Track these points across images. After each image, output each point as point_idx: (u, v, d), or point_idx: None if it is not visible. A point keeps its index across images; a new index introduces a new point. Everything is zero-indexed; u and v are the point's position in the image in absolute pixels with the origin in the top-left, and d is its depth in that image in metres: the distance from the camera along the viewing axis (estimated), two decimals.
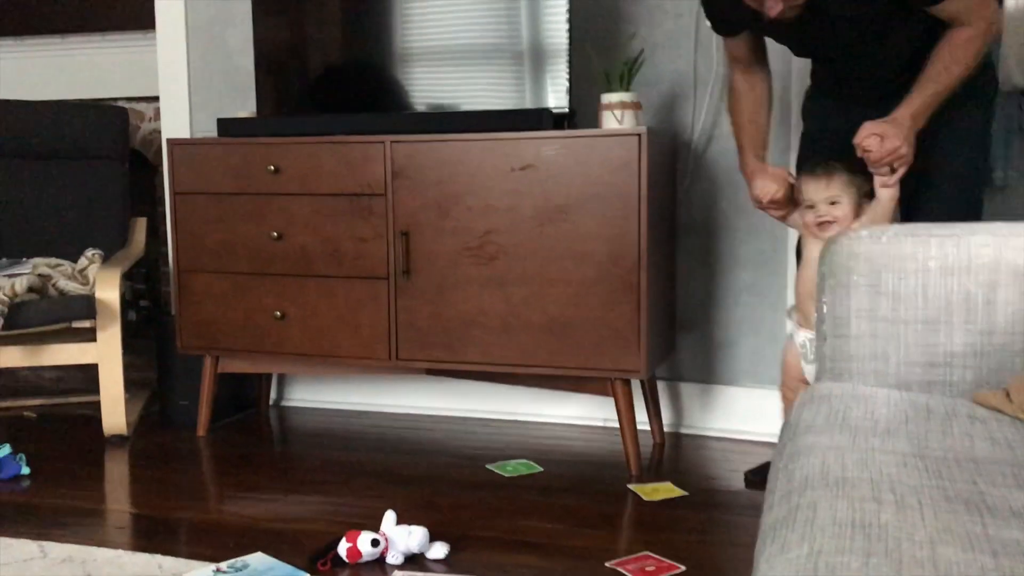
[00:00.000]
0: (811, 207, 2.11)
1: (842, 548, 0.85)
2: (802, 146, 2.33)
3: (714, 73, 2.70)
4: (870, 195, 2.08)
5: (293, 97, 2.89)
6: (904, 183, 2.09)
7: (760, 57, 2.27)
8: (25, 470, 2.52)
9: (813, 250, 2.07)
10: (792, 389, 2.21)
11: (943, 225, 1.53)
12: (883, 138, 1.96)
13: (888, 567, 0.81)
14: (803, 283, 2.16)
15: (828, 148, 2.19)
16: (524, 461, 2.58)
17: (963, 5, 1.93)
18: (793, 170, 2.32)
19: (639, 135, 2.33)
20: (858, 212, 2.08)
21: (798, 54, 2.25)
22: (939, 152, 2.07)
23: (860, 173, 2.07)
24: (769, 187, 2.17)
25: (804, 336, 2.15)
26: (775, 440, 1.55)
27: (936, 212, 2.08)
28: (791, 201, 2.20)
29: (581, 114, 2.67)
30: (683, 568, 1.90)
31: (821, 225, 2.09)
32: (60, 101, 3.30)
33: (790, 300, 2.68)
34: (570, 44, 2.55)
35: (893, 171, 2.00)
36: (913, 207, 2.12)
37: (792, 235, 2.65)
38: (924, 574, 0.80)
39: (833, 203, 2.08)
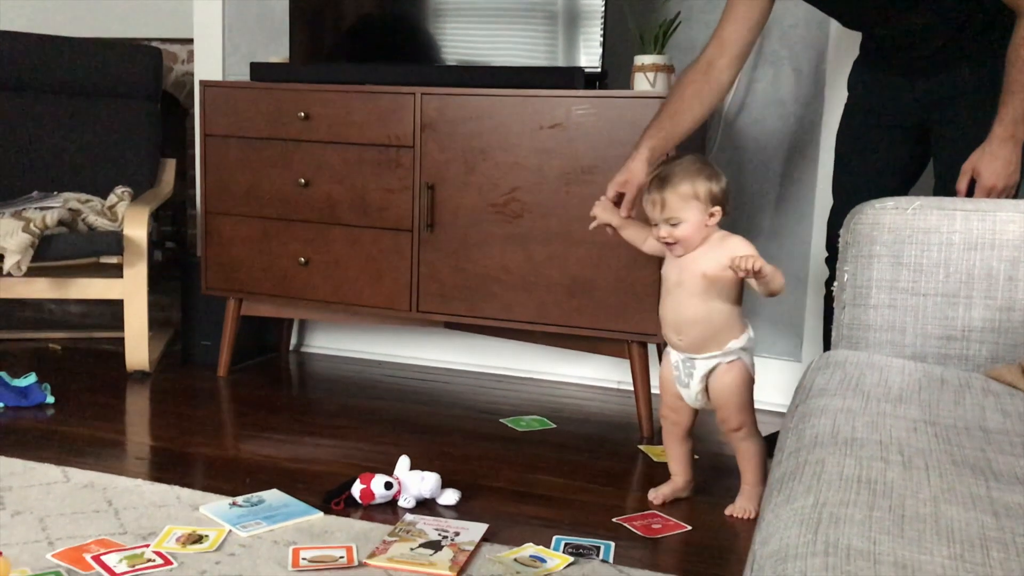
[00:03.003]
0: (656, 224, 1.94)
1: (846, 501, 0.87)
2: (843, 118, 2.25)
3: None
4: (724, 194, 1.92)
5: (326, 45, 2.90)
6: (939, 155, 2.07)
7: (742, 52, 2.11)
8: (49, 399, 2.58)
9: (669, 272, 1.98)
10: (670, 408, 2.07)
11: (969, 200, 1.53)
12: (979, 178, 1.81)
13: (890, 520, 0.83)
14: (662, 306, 2.02)
15: (868, 123, 2.16)
16: (537, 417, 2.61)
17: None
18: None
19: None
20: (719, 213, 1.91)
21: (843, 22, 2.19)
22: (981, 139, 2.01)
23: (706, 175, 1.89)
24: (608, 215, 2.07)
25: (676, 357, 2.02)
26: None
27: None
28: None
29: (613, 75, 2.67)
30: (690, 528, 1.93)
31: (668, 245, 1.94)
32: (95, 39, 3.32)
33: (812, 272, 2.68)
34: (605, 3, 2.54)
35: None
36: (947, 185, 2.08)
37: (818, 206, 2.65)
38: (925, 528, 0.82)
39: (674, 224, 1.90)
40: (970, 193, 1.89)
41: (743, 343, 1.98)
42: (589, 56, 2.57)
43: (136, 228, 2.77)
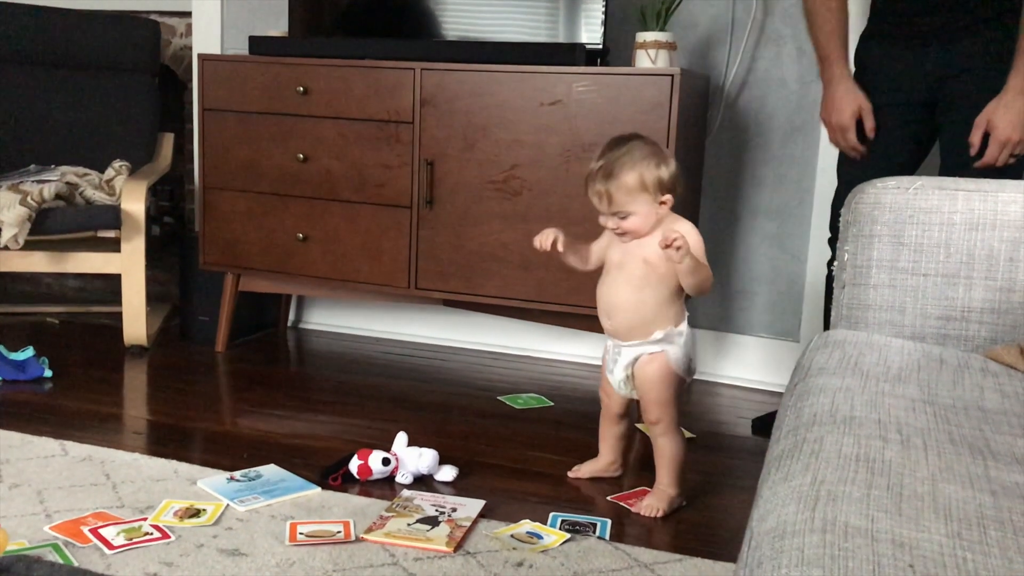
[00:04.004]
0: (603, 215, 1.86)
1: (844, 479, 0.87)
2: None
3: (752, 18, 2.66)
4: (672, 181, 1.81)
5: (325, 18, 2.87)
6: (946, 132, 2.04)
7: None
8: (47, 373, 2.58)
9: (612, 253, 1.90)
10: (603, 389, 2.03)
11: (971, 180, 1.52)
12: (993, 130, 1.79)
13: (888, 499, 0.83)
14: (599, 287, 1.95)
15: (875, 102, 2.11)
16: (535, 395, 2.61)
17: None
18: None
19: (672, 76, 2.31)
20: (670, 201, 1.82)
21: None
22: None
23: (654, 163, 1.79)
24: (548, 235, 1.91)
25: (609, 341, 1.97)
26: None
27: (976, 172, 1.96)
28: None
29: (615, 52, 2.65)
30: (684, 503, 1.93)
31: (621, 234, 1.86)
32: (93, 11, 3.29)
33: (812, 252, 2.68)
34: None
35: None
36: (953, 163, 2.03)
37: (819, 186, 2.64)
38: (923, 507, 0.82)
39: (622, 217, 1.82)
40: (984, 147, 1.86)
41: (663, 335, 1.87)
42: (591, 32, 2.55)
43: (134, 202, 2.76)
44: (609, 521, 1.83)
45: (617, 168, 1.79)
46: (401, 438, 2.04)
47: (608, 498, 1.95)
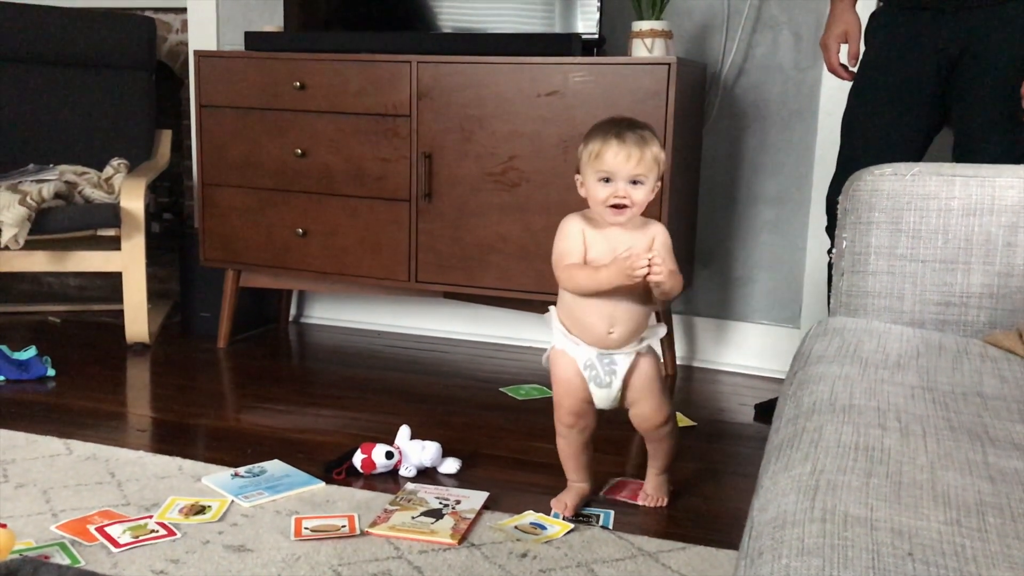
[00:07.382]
0: (607, 180, 1.67)
1: (844, 468, 0.87)
2: (858, 77, 2.13)
3: (747, 5, 2.65)
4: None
5: (320, 12, 2.87)
6: (962, 100, 1.99)
7: None
8: (50, 372, 2.59)
9: (600, 256, 1.70)
10: (578, 414, 1.80)
11: (968, 166, 1.52)
12: None
13: (888, 487, 0.83)
14: (580, 299, 1.74)
15: (885, 84, 2.06)
16: (537, 386, 2.62)
17: None
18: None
19: (669, 64, 2.31)
20: (659, 187, 1.71)
21: None
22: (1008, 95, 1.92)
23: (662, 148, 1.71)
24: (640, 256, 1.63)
25: (589, 355, 1.76)
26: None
27: (988, 156, 1.92)
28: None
29: (611, 41, 2.65)
30: (672, 488, 1.92)
31: (616, 208, 1.68)
32: (88, 8, 3.28)
33: (811, 238, 2.68)
34: None
35: None
36: (967, 149, 1.99)
37: (817, 172, 2.64)
38: (922, 495, 0.82)
39: (636, 182, 1.67)
40: None
41: (659, 331, 1.81)
42: (587, 22, 2.55)
43: (133, 200, 2.76)
44: (612, 511, 1.83)
45: (649, 138, 1.68)
46: (404, 431, 2.05)
47: (601, 494, 1.94)
